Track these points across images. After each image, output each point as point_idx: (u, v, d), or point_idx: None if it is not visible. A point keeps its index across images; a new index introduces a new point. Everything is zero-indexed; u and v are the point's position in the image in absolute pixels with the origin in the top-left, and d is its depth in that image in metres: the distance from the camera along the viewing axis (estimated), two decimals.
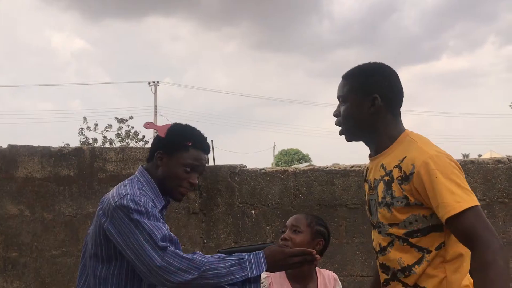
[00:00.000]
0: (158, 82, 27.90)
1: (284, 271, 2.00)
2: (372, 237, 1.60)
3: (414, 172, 1.38)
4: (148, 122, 1.78)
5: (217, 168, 3.66)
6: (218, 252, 2.45)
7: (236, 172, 3.59)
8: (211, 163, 9.38)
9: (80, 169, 3.53)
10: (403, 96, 1.59)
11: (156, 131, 1.72)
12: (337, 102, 1.63)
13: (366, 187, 1.63)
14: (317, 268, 2.01)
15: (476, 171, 3.29)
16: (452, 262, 1.42)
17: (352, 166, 3.50)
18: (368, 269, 3.40)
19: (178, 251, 1.49)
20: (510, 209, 3.26)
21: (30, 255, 3.42)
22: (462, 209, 1.30)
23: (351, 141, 1.61)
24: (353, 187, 3.41)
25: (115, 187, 1.64)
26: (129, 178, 1.68)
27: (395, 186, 1.43)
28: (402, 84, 1.60)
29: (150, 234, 1.47)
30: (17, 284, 3.42)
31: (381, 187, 1.48)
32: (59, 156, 3.54)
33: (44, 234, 3.45)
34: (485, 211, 3.21)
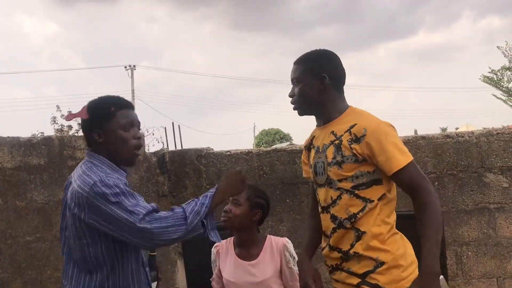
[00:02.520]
0: (134, 66, 27.64)
1: (232, 239, 2.19)
2: (319, 195, 1.84)
3: (366, 134, 1.68)
4: (68, 114, 1.85)
5: (184, 152, 3.80)
6: None
7: (202, 155, 3.73)
8: (178, 147, 9.49)
9: (50, 157, 3.63)
10: (345, 75, 1.88)
11: (78, 118, 1.77)
12: None
13: (312, 152, 1.89)
14: (269, 235, 2.17)
15: (426, 145, 3.50)
16: (384, 209, 1.73)
17: None
18: None
19: (160, 214, 1.58)
20: (459, 181, 3.50)
21: (5, 242, 3.53)
22: (406, 163, 1.65)
23: (303, 115, 1.88)
24: None
25: (76, 175, 1.67)
26: (83, 163, 1.71)
27: (344, 147, 1.72)
28: (344, 67, 1.88)
29: (133, 211, 1.54)
30: None
31: (331, 149, 1.76)
32: (28, 145, 3.62)
33: (18, 222, 3.55)
34: (436, 183, 3.44)
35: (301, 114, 1.89)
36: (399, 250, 1.71)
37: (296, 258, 2.10)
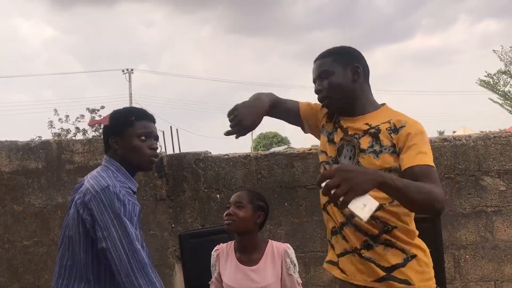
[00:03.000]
0: (132, 70, 27.69)
1: (232, 243, 2.18)
2: None
3: (404, 126, 1.59)
4: (90, 120, 1.94)
5: (182, 156, 3.80)
6: (179, 236, 2.62)
7: (200, 159, 3.74)
8: (176, 150, 9.47)
9: (48, 161, 3.62)
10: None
11: (100, 124, 1.90)
12: (312, 85, 1.80)
13: (339, 132, 1.73)
14: (270, 241, 2.16)
15: None
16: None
17: (310, 149, 3.68)
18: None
19: (151, 273, 1.63)
20: (456, 184, 3.50)
21: (2, 246, 3.52)
22: (428, 163, 1.52)
23: (334, 109, 1.77)
24: (311, 169, 3.60)
25: (90, 176, 1.72)
26: (101, 167, 1.76)
27: (383, 136, 1.61)
28: None
29: (132, 240, 1.59)
30: None
31: (366, 139, 1.64)
32: (26, 149, 3.62)
33: (15, 226, 3.54)
34: None
35: (331, 107, 1.77)
36: (426, 248, 1.64)
37: (297, 265, 2.08)
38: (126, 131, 1.77)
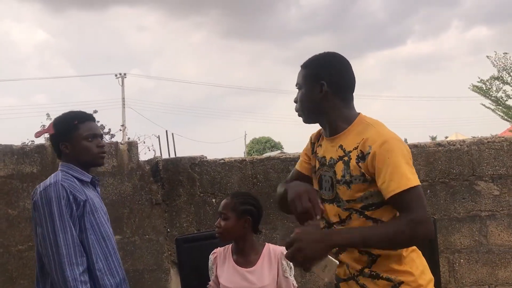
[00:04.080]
0: (125, 74, 27.68)
1: (230, 246, 2.20)
2: (327, 209, 1.69)
3: (370, 152, 1.53)
4: (36, 132, 2.10)
5: (178, 160, 3.80)
6: (176, 240, 2.62)
7: (196, 163, 3.74)
8: (171, 155, 9.46)
9: (43, 165, 3.61)
10: (353, 82, 1.73)
11: (46, 134, 2.07)
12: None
13: (317, 162, 1.75)
14: (267, 244, 2.18)
15: (419, 154, 3.53)
16: None
17: None
18: None
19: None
20: (450, 188, 3.53)
21: None
22: (407, 187, 1.47)
23: (308, 123, 1.77)
24: None
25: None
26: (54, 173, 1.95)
27: (352, 165, 1.58)
28: (353, 71, 1.74)
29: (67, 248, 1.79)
30: None
31: (339, 166, 1.62)
32: (21, 153, 3.60)
33: (10, 230, 3.52)
34: (428, 191, 3.48)
35: (305, 121, 1.78)
36: (418, 269, 1.61)
37: (293, 269, 2.10)
38: (73, 135, 1.94)
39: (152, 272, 3.65)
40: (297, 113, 1.78)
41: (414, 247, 1.65)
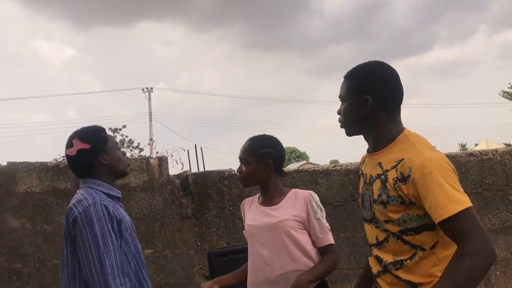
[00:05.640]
0: (151, 88, 28.07)
1: (258, 194, 2.21)
2: (365, 230, 1.67)
3: (410, 175, 1.43)
4: (68, 149, 1.97)
5: (207, 174, 3.85)
6: (208, 254, 2.65)
7: (225, 177, 3.77)
8: (200, 168, 9.54)
9: (76, 181, 3.69)
10: (401, 94, 1.62)
11: (72, 151, 1.95)
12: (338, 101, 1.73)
13: (361, 180, 1.70)
14: (295, 189, 2.17)
15: None
16: (444, 260, 1.45)
17: (334, 166, 3.69)
18: (354, 262, 3.59)
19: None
20: (483, 199, 3.46)
21: (33, 266, 3.59)
22: (455, 212, 1.35)
23: (351, 136, 1.70)
24: (336, 186, 3.60)
25: (73, 200, 1.87)
26: (81, 190, 1.91)
27: (389, 186, 1.49)
28: (400, 82, 1.63)
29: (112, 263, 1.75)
30: None
31: (377, 184, 1.55)
32: (56, 170, 3.71)
33: (46, 245, 3.62)
34: None
35: (347, 134, 1.70)
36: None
37: (324, 211, 2.09)
38: (107, 147, 1.97)
39: (183, 286, 3.68)
40: (339, 124, 1.70)
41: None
